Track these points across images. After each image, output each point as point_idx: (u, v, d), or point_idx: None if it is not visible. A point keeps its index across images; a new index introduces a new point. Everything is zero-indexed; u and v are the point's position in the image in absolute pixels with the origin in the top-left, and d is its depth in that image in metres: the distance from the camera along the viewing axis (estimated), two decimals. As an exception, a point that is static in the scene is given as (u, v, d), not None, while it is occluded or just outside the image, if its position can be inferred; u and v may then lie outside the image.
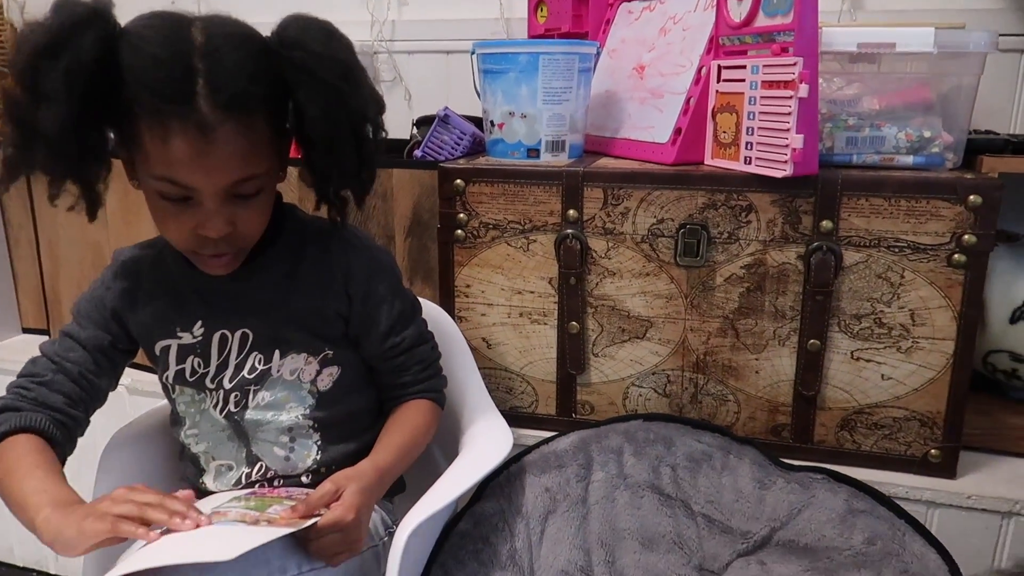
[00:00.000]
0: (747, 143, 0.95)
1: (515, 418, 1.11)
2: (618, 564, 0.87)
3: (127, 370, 0.90)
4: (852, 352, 0.97)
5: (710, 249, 0.99)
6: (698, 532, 0.90)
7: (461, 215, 1.06)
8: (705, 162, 1.05)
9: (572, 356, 1.07)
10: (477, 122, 1.21)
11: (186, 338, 0.84)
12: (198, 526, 0.64)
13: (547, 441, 1.00)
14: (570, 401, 1.10)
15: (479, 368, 1.07)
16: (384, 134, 0.80)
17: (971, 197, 0.89)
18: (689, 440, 0.96)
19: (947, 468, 0.98)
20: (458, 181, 1.05)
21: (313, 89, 0.72)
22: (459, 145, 1.20)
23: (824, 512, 0.87)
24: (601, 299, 1.05)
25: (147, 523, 0.64)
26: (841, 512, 0.87)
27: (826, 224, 0.94)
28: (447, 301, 1.11)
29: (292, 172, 0.88)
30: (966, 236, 0.90)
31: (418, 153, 1.23)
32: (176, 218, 0.73)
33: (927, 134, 0.95)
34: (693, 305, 1.01)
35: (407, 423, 0.88)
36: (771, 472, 0.92)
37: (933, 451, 0.97)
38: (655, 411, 1.06)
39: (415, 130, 1.33)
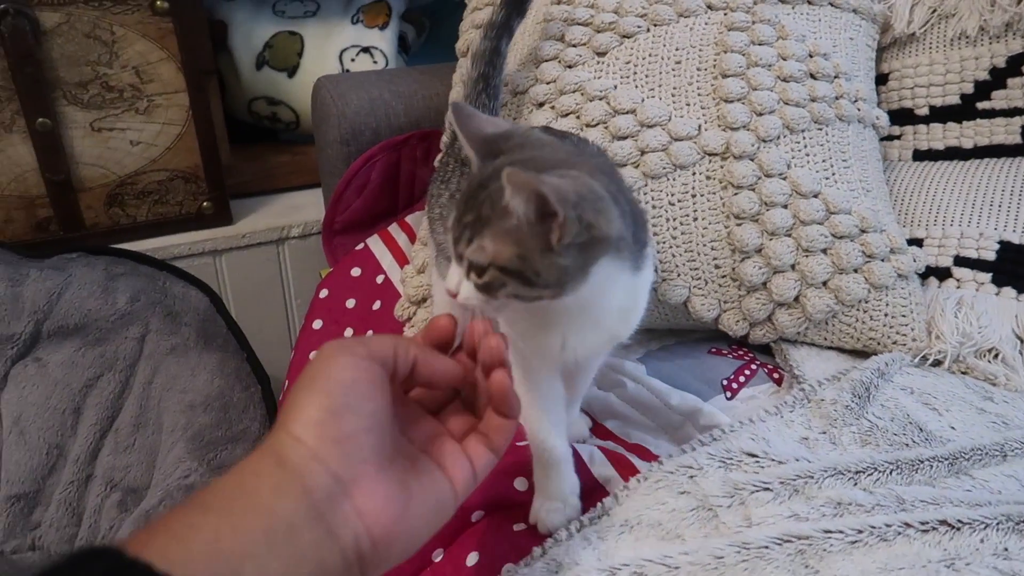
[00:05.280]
0: None
1: None
2: None
3: None
4: (91, 124, 0.93)
5: None
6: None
7: None
8: None
9: None
10: None
11: None
12: None
13: None
14: None
15: None
16: None
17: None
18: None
19: (222, 216, 1.04)
20: None
21: None
22: None
23: (85, 288, 0.85)
24: None
25: None
26: (102, 282, 0.86)
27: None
28: None
29: None
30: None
31: None
32: None
33: None
34: None
35: None
36: (21, 267, 0.85)
37: (205, 204, 1.02)
38: None
39: None
